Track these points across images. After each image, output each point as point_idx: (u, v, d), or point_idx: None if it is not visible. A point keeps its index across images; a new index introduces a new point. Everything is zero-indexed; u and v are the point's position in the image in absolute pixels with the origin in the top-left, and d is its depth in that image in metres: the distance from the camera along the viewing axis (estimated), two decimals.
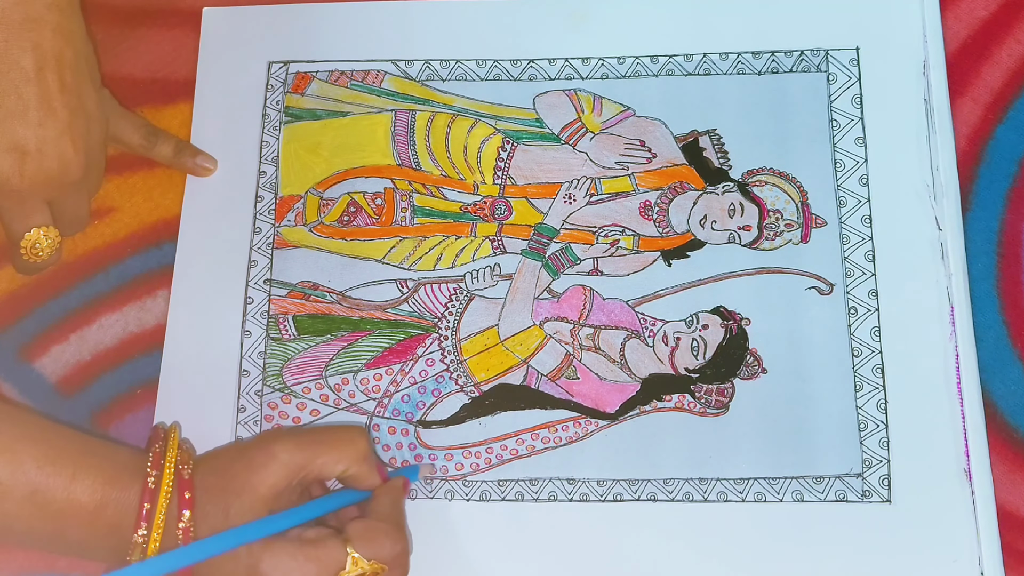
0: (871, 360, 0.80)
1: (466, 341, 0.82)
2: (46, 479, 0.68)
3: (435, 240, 0.85)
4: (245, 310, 0.84)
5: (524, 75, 0.88)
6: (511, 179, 0.86)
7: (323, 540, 0.69)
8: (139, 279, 0.86)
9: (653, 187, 0.85)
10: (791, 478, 0.78)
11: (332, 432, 0.74)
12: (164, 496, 0.69)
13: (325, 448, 0.72)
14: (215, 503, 0.70)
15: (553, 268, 0.84)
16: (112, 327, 0.84)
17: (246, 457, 0.71)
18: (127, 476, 0.69)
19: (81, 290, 0.85)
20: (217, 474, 0.71)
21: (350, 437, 0.74)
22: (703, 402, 0.80)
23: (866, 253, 0.82)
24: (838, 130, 0.85)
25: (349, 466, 0.73)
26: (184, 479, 0.70)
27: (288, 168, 0.87)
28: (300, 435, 0.73)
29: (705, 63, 0.87)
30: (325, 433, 0.74)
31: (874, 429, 0.79)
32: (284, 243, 0.85)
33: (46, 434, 0.70)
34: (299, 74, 0.89)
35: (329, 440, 0.73)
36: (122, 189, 0.88)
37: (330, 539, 0.70)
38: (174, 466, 0.70)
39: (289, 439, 0.72)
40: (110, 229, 0.87)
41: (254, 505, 0.70)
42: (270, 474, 0.70)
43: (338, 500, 0.74)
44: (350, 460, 0.73)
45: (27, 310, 0.85)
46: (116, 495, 0.69)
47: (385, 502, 0.73)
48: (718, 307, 0.82)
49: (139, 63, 0.91)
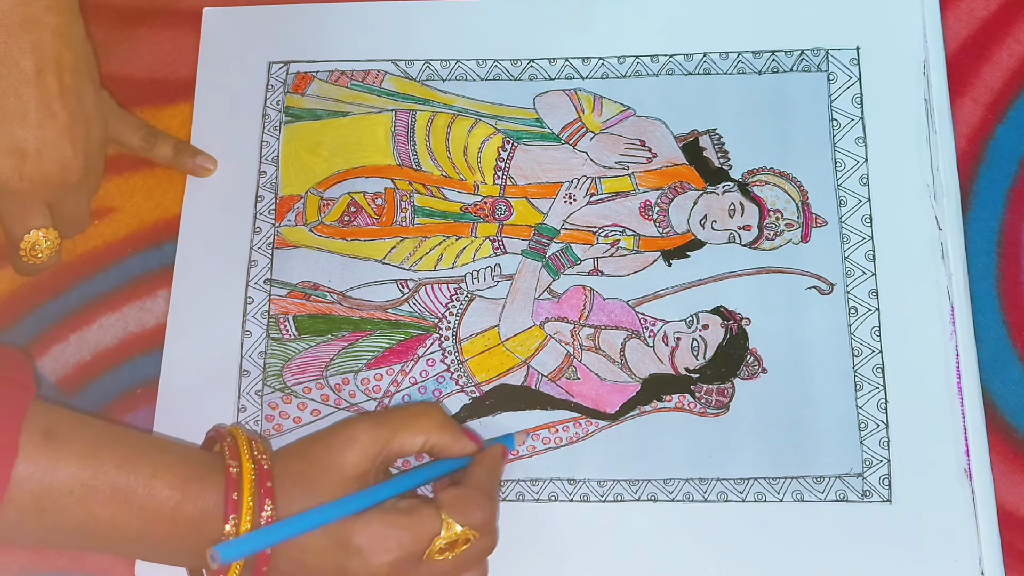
0: (871, 360, 0.80)
1: (467, 341, 0.82)
2: (126, 477, 0.68)
3: (436, 240, 0.85)
4: (245, 310, 0.84)
5: (524, 75, 0.88)
6: (511, 179, 0.86)
7: (416, 508, 0.70)
8: (139, 279, 0.86)
9: (653, 187, 0.85)
10: (791, 478, 0.78)
11: (404, 409, 0.75)
12: (249, 484, 0.69)
13: (400, 424, 0.73)
14: (301, 487, 0.70)
15: (553, 268, 0.84)
16: (112, 327, 0.84)
17: (324, 442, 0.72)
18: (204, 471, 0.70)
19: (81, 290, 0.85)
20: (297, 460, 0.71)
21: (422, 410, 0.74)
22: (703, 402, 0.80)
23: (866, 253, 0.82)
24: (838, 130, 0.85)
25: (428, 438, 0.73)
26: (264, 469, 0.70)
27: (288, 168, 0.87)
28: (376, 415, 0.75)
29: (705, 63, 0.87)
30: (398, 411, 0.75)
31: (874, 429, 0.79)
32: (284, 243, 0.85)
33: (122, 437, 0.71)
34: (299, 74, 0.89)
35: (403, 416, 0.74)
36: (122, 189, 0.88)
37: (423, 507, 0.70)
38: (252, 457, 0.71)
39: (366, 420, 0.73)
40: (110, 229, 0.87)
41: (342, 483, 0.70)
42: (353, 454, 0.71)
43: (433, 471, 0.75)
44: (428, 431, 0.73)
45: (27, 310, 0.85)
46: (195, 490, 0.69)
47: (481, 470, 0.74)
48: (718, 307, 0.82)
49: (139, 63, 0.91)
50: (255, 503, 0.69)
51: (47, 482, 0.67)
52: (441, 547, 0.69)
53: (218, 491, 0.69)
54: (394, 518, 0.69)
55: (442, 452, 0.75)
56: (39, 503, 0.67)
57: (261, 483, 0.69)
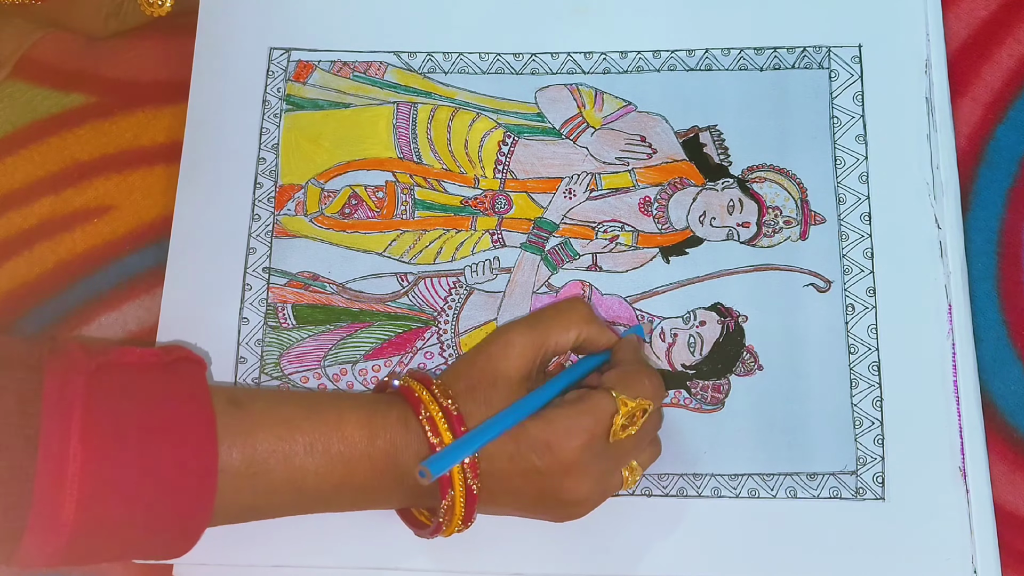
0: (868, 357, 0.80)
1: (465, 335, 0.83)
2: (317, 429, 0.70)
3: (435, 234, 0.85)
4: (243, 297, 0.84)
5: (526, 69, 0.88)
6: (512, 173, 0.86)
7: (587, 395, 0.72)
8: (139, 277, 0.85)
9: (653, 183, 0.85)
10: (785, 475, 0.78)
11: (554, 307, 0.78)
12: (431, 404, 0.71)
13: (552, 322, 0.75)
14: (475, 402, 0.72)
15: (552, 262, 0.84)
16: (112, 326, 0.84)
17: (484, 353, 0.74)
18: (384, 407, 0.72)
19: (81, 289, 0.85)
20: (463, 378, 0.73)
21: (571, 305, 0.77)
22: (699, 398, 0.80)
23: (864, 251, 0.83)
24: (839, 127, 0.85)
25: (580, 331, 0.76)
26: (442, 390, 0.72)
27: (288, 157, 0.87)
28: (528, 319, 0.77)
29: (707, 59, 0.87)
30: (548, 310, 0.78)
31: (869, 426, 0.79)
32: (284, 232, 0.85)
33: (297, 397, 0.74)
34: (301, 62, 0.89)
35: (553, 314, 0.76)
36: (121, 187, 0.87)
37: (593, 393, 0.72)
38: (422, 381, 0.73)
39: (520, 324, 0.75)
40: (109, 227, 0.86)
41: (511, 388, 0.72)
42: (515, 358, 0.73)
43: (583, 367, 0.77)
44: (579, 325, 0.76)
45: (27, 309, 0.85)
46: (381, 424, 0.71)
47: (627, 351, 0.77)
48: (715, 304, 0.82)
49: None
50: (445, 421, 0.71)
51: (250, 445, 0.69)
52: (623, 424, 0.71)
53: (402, 422, 0.71)
54: (570, 408, 0.71)
55: (592, 345, 0.77)
56: (249, 467, 0.68)
57: (441, 404, 0.71)
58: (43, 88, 0.89)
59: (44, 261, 0.85)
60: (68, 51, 0.90)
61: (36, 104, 0.89)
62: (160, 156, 0.88)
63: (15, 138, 0.88)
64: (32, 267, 0.85)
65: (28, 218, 0.86)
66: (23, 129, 0.88)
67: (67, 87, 0.89)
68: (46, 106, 0.89)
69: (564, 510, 0.73)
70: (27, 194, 0.87)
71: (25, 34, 0.89)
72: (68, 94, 0.89)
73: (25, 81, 0.89)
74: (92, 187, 0.87)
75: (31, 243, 0.86)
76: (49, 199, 0.87)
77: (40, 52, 0.90)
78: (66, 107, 0.89)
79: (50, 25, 0.89)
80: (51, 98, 0.89)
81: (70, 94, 0.89)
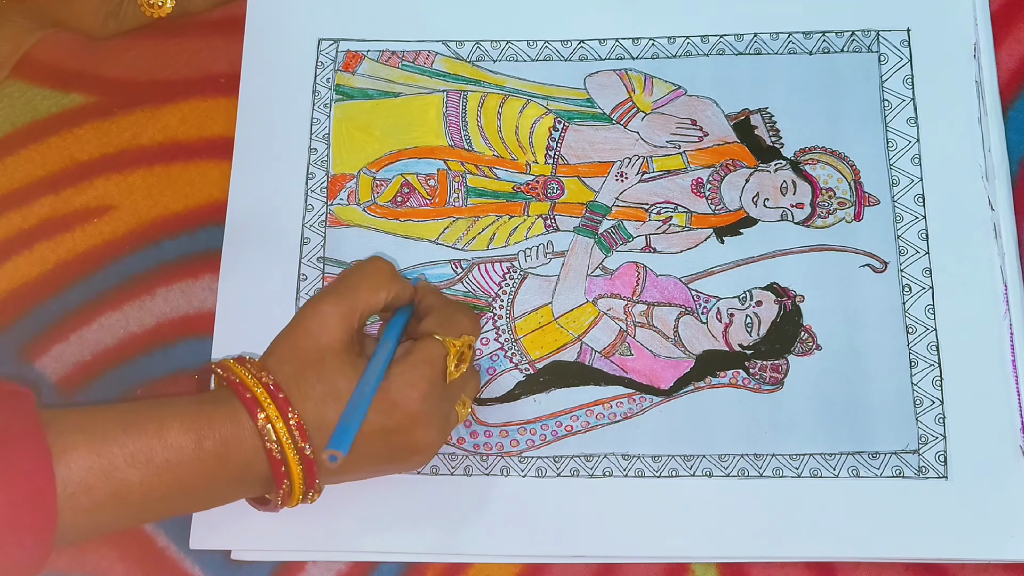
0: (926, 337, 0.80)
1: (520, 319, 0.82)
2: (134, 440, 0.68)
3: (488, 220, 0.85)
4: (299, 287, 0.84)
5: (575, 55, 0.88)
6: (563, 159, 0.86)
7: (416, 347, 0.73)
8: (139, 278, 0.85)
9: (705, 165, 0.85)
10: (847, 454, 0.78)
11: (358, 270, 0.77)
12: (265, 400, 0.70)
13: (361, 285, 0.75)
14: (307, 381, 0.71)
15: (606, 245, 0.84)
16: (112, 326, 0.84)
17: (303, 330, 0.73)
18: (208, 407, 0.70)
19: (81, 289, 0.85)
20: (287, 361, 0.72)
21: (375, 266, 0.77)
22: (757, 378, 0.80)
23: (920, 232, 0.82)
24: (890, 110, 0.85)
25: (389, 290, 0.76)
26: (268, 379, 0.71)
27: (340, 146, 0.87)
28: (334, 286, 0.76)
29: (756, 43, 0.87)
30: (352, 274, 0.76)
31: (929, 406, 0.79)
32: (337, 221, 0.85)
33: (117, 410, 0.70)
34: (349, 52, 0.89)
35: (359, 278, 0.75)
36: (121, 187, 0.87)
37: (421, 343, 0.74)
38: (251, 377, 0.71)
39: (328, 294, 0.74)
40: (109, 228, 0.86)
41: (341, 358, 0.72)
42: (334, 329, 0.73)
43: (400, 321, 0.77)
44: (387, 284, 0.76)
45: (27, 309, 0.84)
46: (207, 425, 0.69)
47: (431, 296, 0.79)
48: (771, 284, 0.82)
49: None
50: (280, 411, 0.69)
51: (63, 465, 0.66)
52: (456, 363, 0.73)
53: (230, 418, 0.69)
54: (404, 363, 0.72)
55: (398, 301, 0.77)
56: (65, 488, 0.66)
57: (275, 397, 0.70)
58: (43, 88, 0.89)
59: (44, 261, 0.85)
60: (68, 51, 0.90)
61: (36, 104, 0.89)
62: (160, 156, 0.88)
63: (15, 138, 0.88)
64: (32, 267, 0.85)
65: (28, 218, 0.86)
66: (23, 129, 0.88)
67: (67, 87, 0.89)
68: (46, 106, 0.89)
69: (413, 459, 0.74)
70: (27, 194, 0.87)
71: (25, 34, 0.89)
72: (68, 94, 0.89)
73: (25, 81, 0.89)
74: (92, 187, 0.87)
75: (31, 243, 0.86)
76: (49, 199, 0.87)
77: (40, 52, 0.90)
78: (66, 107, 0.89)
79: (50, 25, 0.89)
80: (51, 98, 0.89)
81: (70, 94, 0.89)
